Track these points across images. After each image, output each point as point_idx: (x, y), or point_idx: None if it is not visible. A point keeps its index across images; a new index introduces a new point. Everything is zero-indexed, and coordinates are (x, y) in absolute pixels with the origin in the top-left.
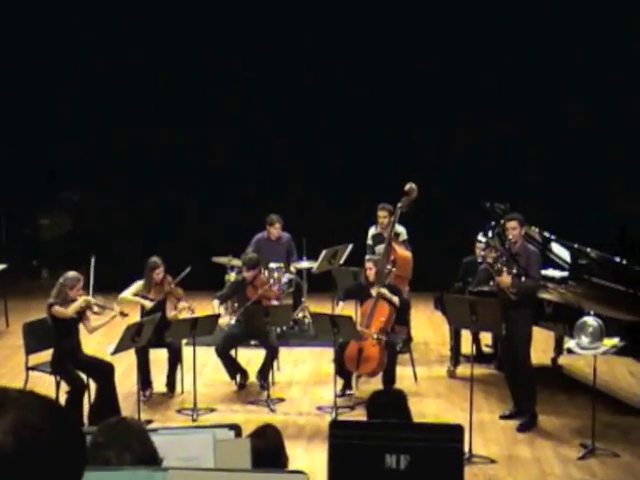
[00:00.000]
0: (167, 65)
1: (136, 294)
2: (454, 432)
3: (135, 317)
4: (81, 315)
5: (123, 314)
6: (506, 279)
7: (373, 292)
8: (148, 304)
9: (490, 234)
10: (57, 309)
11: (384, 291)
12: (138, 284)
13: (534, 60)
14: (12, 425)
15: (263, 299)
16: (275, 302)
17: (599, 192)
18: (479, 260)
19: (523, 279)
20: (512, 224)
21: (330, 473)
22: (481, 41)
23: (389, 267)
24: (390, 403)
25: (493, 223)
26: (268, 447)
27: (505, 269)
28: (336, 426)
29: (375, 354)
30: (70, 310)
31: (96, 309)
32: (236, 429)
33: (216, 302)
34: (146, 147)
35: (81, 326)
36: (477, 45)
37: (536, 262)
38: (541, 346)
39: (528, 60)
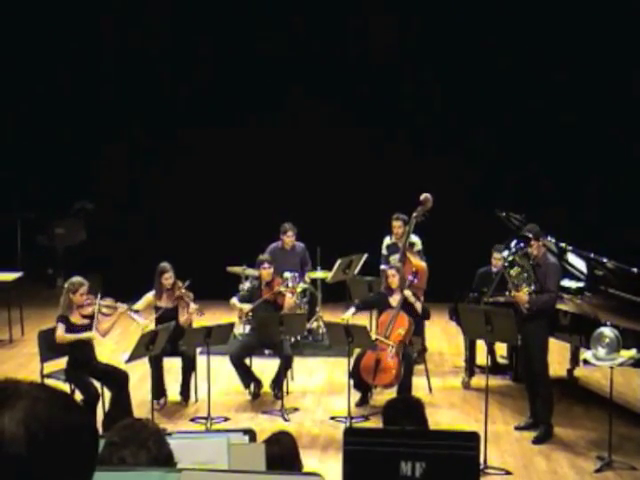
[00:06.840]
0: (184, 69)
1: (147, 306)
2: (470, 439)
3: (150, 326)
4: (92, 321)
5: (132, 309)
6: (523, 296)
7: (393, 302)
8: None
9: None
10: (57, 337)
11: (409, 293)
12: (148, 297)
13: (550, 66)
14: (23, 416)
15: (279, 297)
16: (290, 296)
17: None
18: (494, 270)
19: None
20: (535, 245)
21: None
22: (493, 50)
23: (411, 278)
24: (406, 410)
25: (521, 244)
26: (282, 454)
27: (524, 284)
28: (351, 433)
29: (393, 366)
30: (69, 337)
31: (105, 310)
32: (250, 434)
33: (235, 299)
34: (159, 157)
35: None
36: (488, 54)
37: (554, 274)
38: (557, 357)
39: (545, 67)
